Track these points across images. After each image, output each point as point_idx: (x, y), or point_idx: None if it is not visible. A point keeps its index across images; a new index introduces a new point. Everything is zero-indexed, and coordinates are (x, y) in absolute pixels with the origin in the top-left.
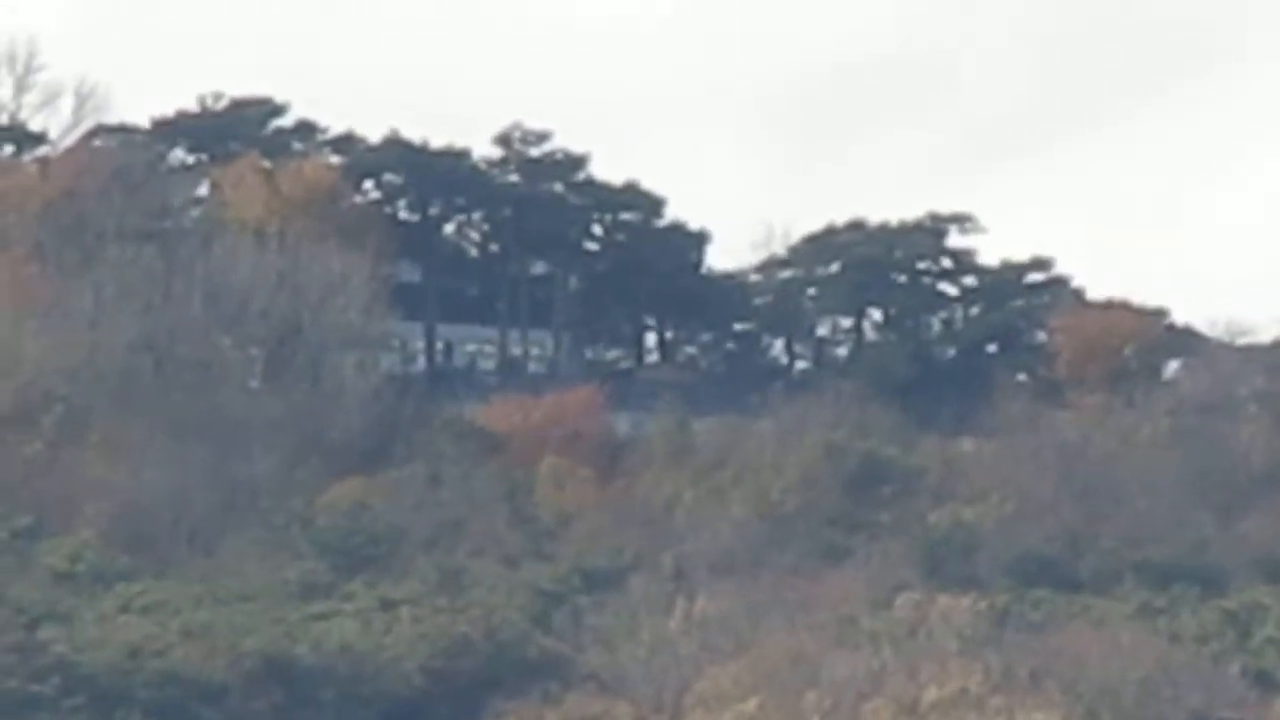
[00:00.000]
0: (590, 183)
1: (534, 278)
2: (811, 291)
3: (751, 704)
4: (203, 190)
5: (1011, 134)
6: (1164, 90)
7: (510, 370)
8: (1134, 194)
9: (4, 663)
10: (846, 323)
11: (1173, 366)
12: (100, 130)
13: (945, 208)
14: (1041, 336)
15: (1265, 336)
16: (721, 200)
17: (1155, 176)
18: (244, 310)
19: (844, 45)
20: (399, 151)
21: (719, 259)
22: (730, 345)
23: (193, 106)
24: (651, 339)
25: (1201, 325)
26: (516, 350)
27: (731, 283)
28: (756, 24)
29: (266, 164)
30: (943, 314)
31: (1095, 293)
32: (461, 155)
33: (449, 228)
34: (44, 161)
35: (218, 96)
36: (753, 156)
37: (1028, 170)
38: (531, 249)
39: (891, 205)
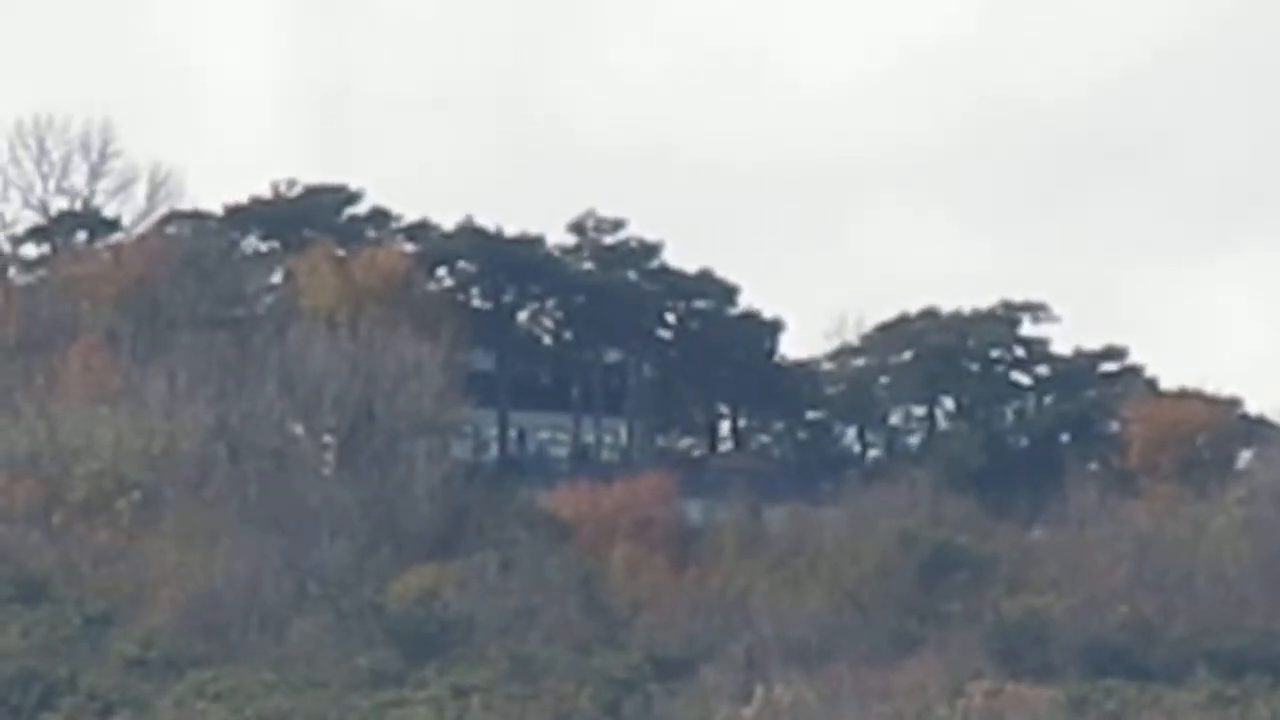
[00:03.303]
0: (664, 270)
1: (607, 365)
2: (884, 380)
3: None
4: (276, 278)
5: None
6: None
7: (583, 458)
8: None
9: None
10: (919, 411)
11: (1246, 456)
12: (174, 217)
13: (1018, 295)
14: (1114, 426)
15: None
16: (795, 288)
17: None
18: (317, 398)
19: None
20: (473, 239)
21: (792, 347)
22: (802, 434)
23: (266, 193)
24: (725, 427)
25: (1275, 415)
26: (589, 438)
27: (804, 371)
28: (826, 114)
29: (340, 252)
30: (1016, 403)
31: (1169, 382)
32: (535, 243)
33: (522, 315)
34: (117, 248)
35: (291, 184)
36: (825, 244)
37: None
38: (605, 337)
39: (965, 293)
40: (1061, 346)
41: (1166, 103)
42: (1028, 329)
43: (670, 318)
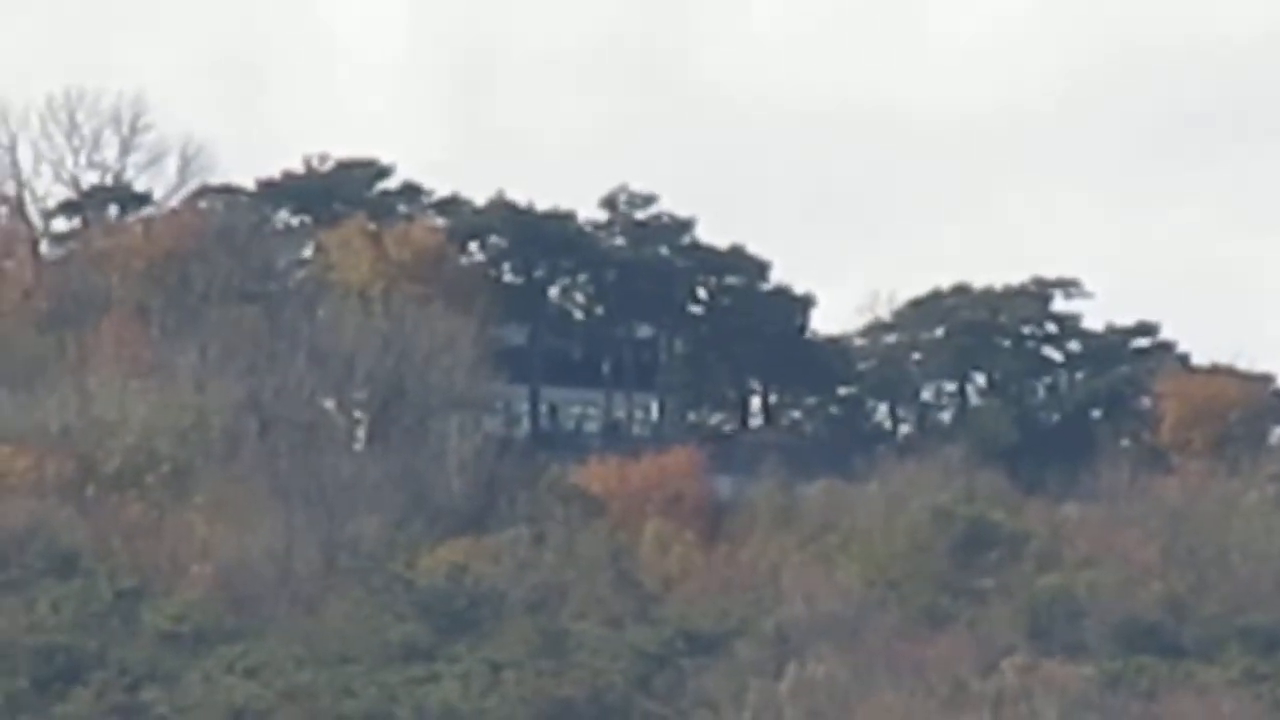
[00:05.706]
0: (696, 246)
1: (639, 341)
2: (916, 356)
3: None
4: (307, 252)
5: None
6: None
7: (614, 433)
8: (1237, 257)
9: None
10: (951, 387)
11: (1278, 432)
12: (205, 191)
13: (1051, 271)
14: (1146, 402)
15: None
16: (826, 264)
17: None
18: (349, 372)
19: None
20: (504, 214)
21: (823, 323)
22: (834, 409)
23: (298, 168)
24: (756, 403)
25: None
26: (621, 413)
27: (836, 347)
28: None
29: (372, 226)
30: (1047, 379)
31: (1201, 358)
32: (567, 218)
33: (554, 290)
34: (148, 222)
35: (323, 158)
36: (855, 220)
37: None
38: (636, 312)
39: (997, 269)
40: (1093, 322)
41: None
42: (1060, 304)
43: (702, 293)
